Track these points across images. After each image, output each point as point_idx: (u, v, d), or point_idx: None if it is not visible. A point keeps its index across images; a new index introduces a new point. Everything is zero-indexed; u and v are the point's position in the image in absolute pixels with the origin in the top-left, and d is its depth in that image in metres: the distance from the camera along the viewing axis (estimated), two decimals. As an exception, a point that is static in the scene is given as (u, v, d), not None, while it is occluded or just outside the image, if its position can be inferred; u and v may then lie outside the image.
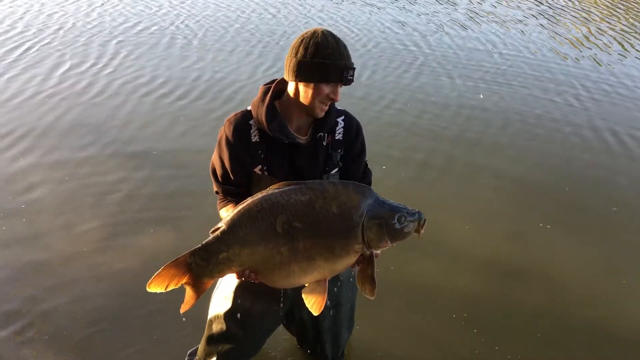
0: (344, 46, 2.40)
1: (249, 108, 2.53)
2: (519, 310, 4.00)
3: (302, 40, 2.38)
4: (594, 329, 3.89)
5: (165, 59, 7.89)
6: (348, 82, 2.39)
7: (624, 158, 6.24)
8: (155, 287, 2.24)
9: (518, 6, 12.33)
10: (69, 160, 5.32)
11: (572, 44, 10.13)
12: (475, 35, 10.11)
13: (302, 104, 2.42)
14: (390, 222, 2.30)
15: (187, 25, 9.36)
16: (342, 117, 2.59)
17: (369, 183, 2.63)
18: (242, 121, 2.50)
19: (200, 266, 2.26)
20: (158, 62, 7.78)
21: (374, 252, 2.32)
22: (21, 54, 7.72)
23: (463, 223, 4.80)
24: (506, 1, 12.70)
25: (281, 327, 2.94)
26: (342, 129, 2.57)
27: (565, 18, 11.82)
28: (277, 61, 7.95)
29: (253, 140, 2.48)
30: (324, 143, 2.52)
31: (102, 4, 10.16)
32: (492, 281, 4.25)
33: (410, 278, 4.13)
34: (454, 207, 5.02)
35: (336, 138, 2.55)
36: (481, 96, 7.43)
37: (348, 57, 2.39)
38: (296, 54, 2.37)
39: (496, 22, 11.03)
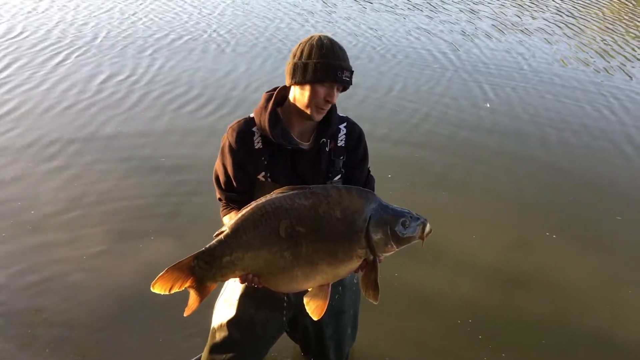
0: (340, 48, 2.41)
1: (251, 115, 2.55)
2: (524, 318, 3.98)
3: (299, 45, 2.42)
4: (599, 338, 3.88)
5: (199, 70, 7.84)
6: (343, 82, 2.38)
7: (629, 167, 6.20)
8: (159, 288, 2.24)
9: (540, 16, 12.11)
10: (81, 168, 5.38)
11: (586, 54, 9.98)
12: (499, 44, 10.04)
13: (301, 109, 2.43)
14: (394, 227, 2.29)
15: (219, 35, 9.32)
16: (344, 124, 2.60)
17: (372, 189, 2.61)
18: (245, 128, 2.51)
19: (204, 269, 2.27)
20: (192, 73, 7.74)
21: (378, 257, 2.31)
22: (57, 64, 7.76)
23: (467, 231, 4.78)
24: (528, 11, 12.51)
25: (284, 335, 2.94)
26: (344, 136, 2.57)
27: (587, 27, 11.62)
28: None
29: (256, 147, 2.49)
30: (327, 149, 2.53)
31: (135, 12, 10.19)
32: (497, 289, 4.24)
33: (414, 285, 4.12)
34: (458, 216, 5.00)
35: (338, 145, 2.56)
36: (488, 105, 7.37)
37: (343, 58, 2.38)
38: (293, 57, 2.40)
39: (520, 31, 10.91)
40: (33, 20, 9.51)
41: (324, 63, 2.33)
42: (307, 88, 2.37)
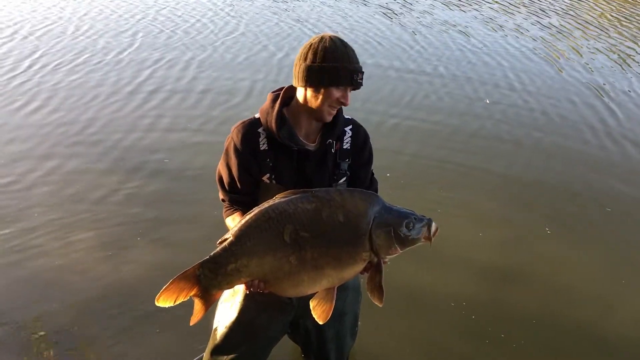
0: (352, 50, 2.40)
1: (257, 116, 2.52)
2: (520, 311, 4.02)
3: (310, 46, 2.38)
4: (592, 328, 3.94)
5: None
6: (357, 85, 2.39)
7: (618, 159, 6.26)
8: (164, 301, 2.21)
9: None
10: (73, 169, 5.31)
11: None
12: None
13: (311, 109, 2.41)
14: (398, 228, 2.28)
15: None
16: (350, 127, 2.58)
17: (375, 192, 2.61)
18: (251, 129, 2.48)
19: (209, 278, 2.24)
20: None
21: (382, 259, 2.31)
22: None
23: (461, 227, 4.79)
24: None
25: (285, 337, 2.93)
26: (349, 138, 2.56)
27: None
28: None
29: (261, 149, 2.46)
30: (333, 150, 2.51)
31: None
32: (493, 284, 4.27)
33: (410, 282, 4.12)
34: (453, 212, 5.00)
35: (344, 147, 2.54)
36: (487, 101, 7.38)
37: (356, 60, 2.39)
38: (305, 59, 2.36)
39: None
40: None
41: (341, 67, 2.32)
42: (321, 91, 2.35)
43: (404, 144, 6.19)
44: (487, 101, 7.38)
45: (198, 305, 2.30)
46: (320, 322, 2.33)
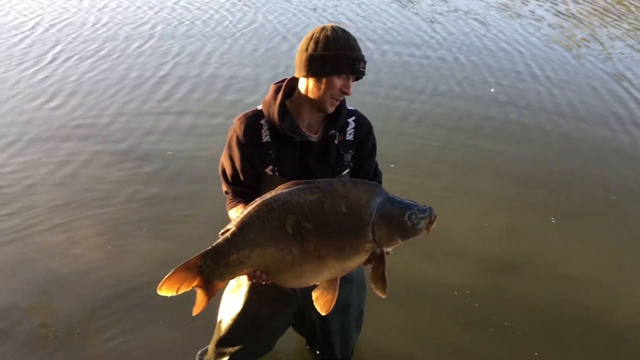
0: (354, 39, 2.39)
1: (259, 107, 2.51)
2: (525, 303, 3.97)
3: (312, 36, 2.37)
4: (600, 319, 3.88)
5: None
6: (360, 73, 2.38)
7: (623, 146, 6.16)
8: (165, 291, 2.22)
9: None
10: (73, 160, 5.34)
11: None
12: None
13: (314, 100, 2.40)
14: (400, 219, 2.28)
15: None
16: (353, 118, 2.56)
17: (379, 183, 2.59)
18: (253, 120, 2.48)
19: (211, 268, 2.25)
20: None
21: (385, 250, 2.30)
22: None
23: (465, 217, 4.74)
24: None
25: (290, 328, 2.93)
26: (352, 130, 2.54)
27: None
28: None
29: (264, 140, 2.46)
30: (336, 141, 2.50)
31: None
32: (497, 274, 4.22)
33: (414, 274, 4.08)
34: (456, 201, 4.95)
35: (347, 138, 2.52)
36: (492, 90, 7.28)
37: (359, 49, 2.38)
38: (307, 49, 2.36)
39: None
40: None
41: (343, 55, 2.31)
42: (324, 80, 2.35)
43: (417, 130, 6.15)
44: (492, 90, 7.27)
45: (200, 296, 2.30)
46: (323, 313, 2.34)
